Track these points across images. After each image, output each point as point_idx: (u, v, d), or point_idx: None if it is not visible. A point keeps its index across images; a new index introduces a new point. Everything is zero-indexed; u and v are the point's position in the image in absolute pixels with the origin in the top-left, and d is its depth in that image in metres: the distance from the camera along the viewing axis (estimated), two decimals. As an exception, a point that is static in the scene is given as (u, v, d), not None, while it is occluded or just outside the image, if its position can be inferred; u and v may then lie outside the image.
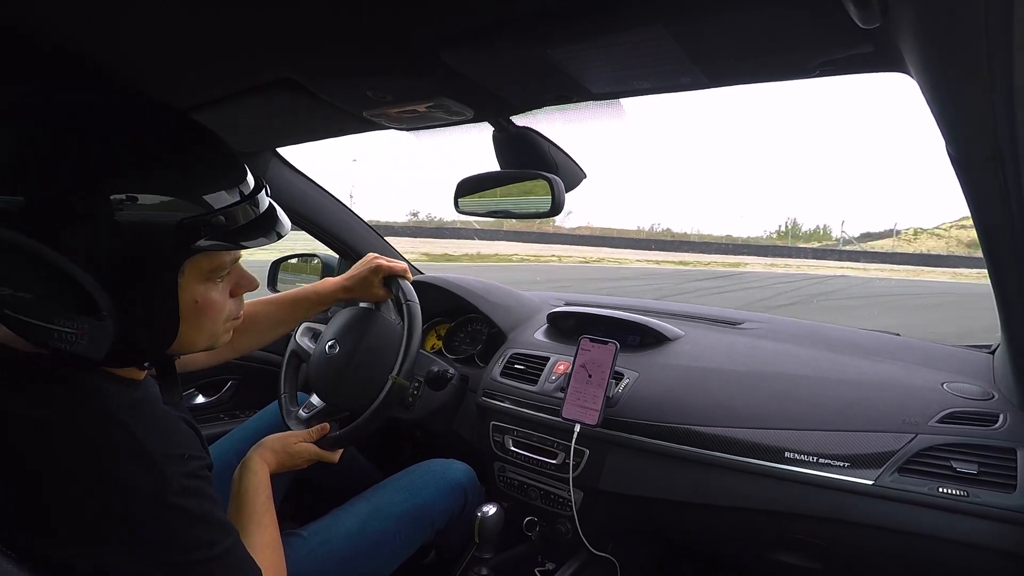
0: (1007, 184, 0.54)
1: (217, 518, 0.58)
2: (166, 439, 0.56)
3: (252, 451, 0.84)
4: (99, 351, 0.53)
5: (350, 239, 1.53)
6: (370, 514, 0.92)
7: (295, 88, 0.75)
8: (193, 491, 0.55)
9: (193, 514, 0.55)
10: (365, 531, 0.89)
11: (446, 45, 0.61)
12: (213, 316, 0.60)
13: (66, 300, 0.50)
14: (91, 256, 0.49)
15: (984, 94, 0.46)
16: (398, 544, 0.92)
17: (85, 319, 0.51)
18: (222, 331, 0.64)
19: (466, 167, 1.02)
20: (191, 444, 0.59)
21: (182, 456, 0.56)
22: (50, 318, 0.50)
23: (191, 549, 0.54)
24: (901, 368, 1.02)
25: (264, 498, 0.77)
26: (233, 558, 0.59)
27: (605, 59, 0.63)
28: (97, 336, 0.52)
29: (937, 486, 0.80)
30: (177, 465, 0.55)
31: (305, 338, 1.11)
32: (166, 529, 0.53)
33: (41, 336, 0.51)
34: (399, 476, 1.01)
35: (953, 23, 0.42)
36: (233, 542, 0.59)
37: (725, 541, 1.09)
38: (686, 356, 1.13)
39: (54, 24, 0.56)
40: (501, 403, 1.19)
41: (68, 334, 0.51)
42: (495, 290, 1.48)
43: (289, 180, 1.35)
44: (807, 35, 0.54)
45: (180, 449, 0.56)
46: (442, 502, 1.00)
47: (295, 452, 0.87)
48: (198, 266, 0.56)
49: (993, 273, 0.74)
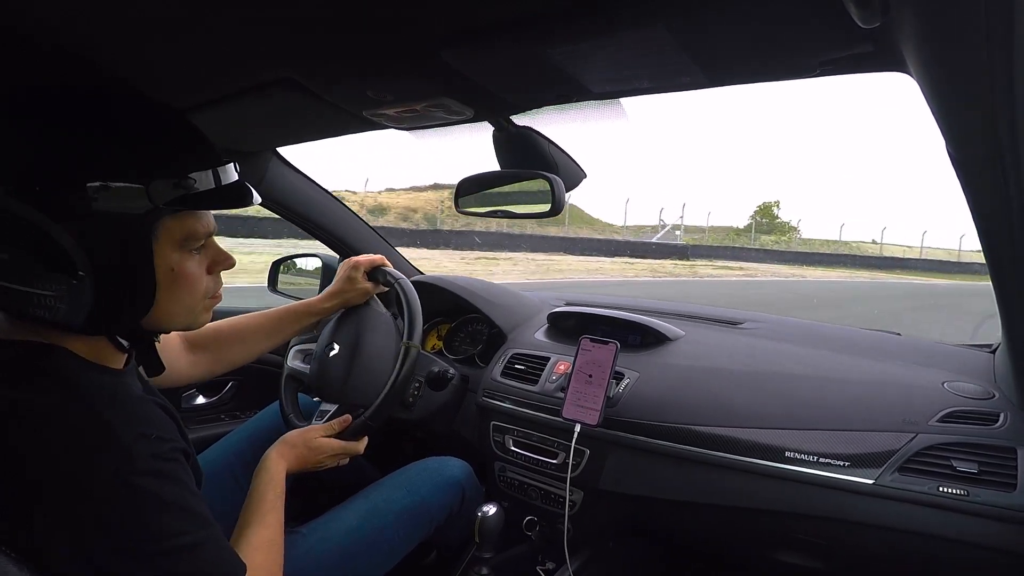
0: (1007, 184, 0.54)
1: (191, 507, 0.57)
2: (134, 419, 0.55)
3: (271, 448, 0.84)
4: (78, 315, 0.54)
5: (351, 239, 1.53)
6: (368, 512, 0.92)
7: (295, 88, 0.75)
8: (163, 474, 0.54)
9: (162, 499, 0.54)
10: (364, 528, 0.89)
11: (446, 44, 0.61)
12: (189, 288, 0.62)
13: (45, 261, 0.52)
14: (66, 216, 0.51)
15: (984, 94, 0.46)
16: (397, 541, 0.92)
17: (63, 281, 0.52)
18: (200, 308, 0.65)
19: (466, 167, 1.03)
20: (163, 427, 0.58)
21: (150, 436, 0.55)
22: (29, 281, 0.52)
23: (160, 537, 0.53)
24: (901, 367, 1.02)
25: (273, 496, 0.76)
26: (206, 551, 0.57)
27: (605, 59, 0.63)
28: (75, 299, 0.53)
29: (937, 485, 0.80)
30: (144, 445, 0.54)
31: (297, 361, 1.10)
32: (133, 513, 0.52)
33: (20, 302, 0.53)
34: (396, 474, 1.02)
35: (953, 23, 0.42)
36: (209, 535, 0.58)
37: (726, 541, 1.09)
38: (687, 356, 1.13)
39: (54, 24, 0.56)
40: (501, 403, 1.19)
41: (47, 298, 0.52)
42: (495, 290, 1.48)
43: (289, 180, 1.35)
44: (807, 35, 0.54)
45: (149, 429, 0.56)
46: (440, 498, 1.00)
47: (317, 447, 0.86)
48: (170, 232, 0.58)
49: (993, 273, 0.74)
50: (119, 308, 0.57)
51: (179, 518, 0.55)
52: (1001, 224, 0.61)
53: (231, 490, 0.98)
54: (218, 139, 1.07)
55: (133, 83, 0.73)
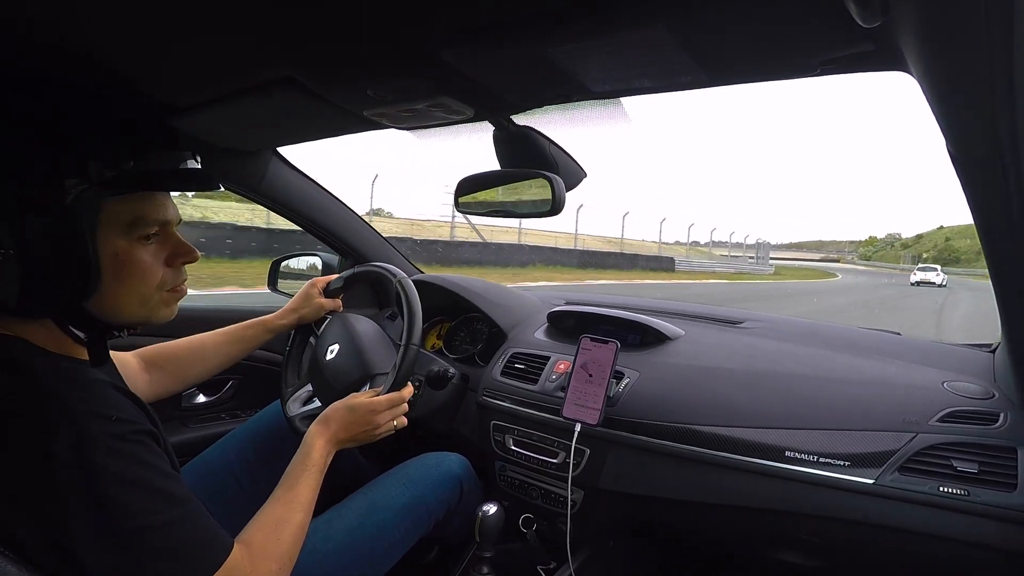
0: (1008, 183, 0.54)
1: (160, 487, 0.56)
2: (92, 399, 0.55)
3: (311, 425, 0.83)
4: (7, 294, 0.54)
5: (350, 238, 1.53)
6: (368, 509, 0.92)
7: (295, 87, 0.75)
8: (124, 454, 0.54)
9: (125, 478, 0.53)
10: (365, 526, 0.89)
11: (447, 44, 0.61)
12: (140, 276, 0.61)
13: None
14: None
15: (984, 93, 0.46)
16: (397, 538, 0.92)
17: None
18: (156, 300, 0.64)
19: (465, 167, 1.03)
20: (124, 409, 0.58)
21: (109, 417, 0.55)
22: None
23: (127, 516, 0.52)
24: (901, 367, 1.02)
25: (298, 472, 0.75)
26: (181, 529, 0.56)
27: (606, 58, 0.63)
28: (2, 276, 0.53)
29: (937, 485, 0.80)
30: (103, 424, 0.54)
31: (296, 404, 1.08)
32: (97, 492, 0.51)
33: None
34: (395, 470, 1.02)
35: (954, 22, 0.42)
36: (184, 514, 0.57)
37: (726, 540, 1.09)
38: (687, 355, 1.13)
39: (54, 22, 0.56)
40: (501, 402, 1.19)
41: None
42: (495, 289, 1.48)
43: (290, 179, 1.35)
44: (807, 34, 0.54)
45: (108, 411, 0.55)
46: (439, 493, 1.01)
47: (361, 406, 0.84)
48: (115, 215, 0.58)
49: (993, 272, 0.73)
50: (55, 289, 0.56)
51: (146, 497, 0.54)
52: (1001, 224, 0.61)
53: (232, 490, 0.98)
54: (218, 138, 1.09)
55: (134, 81, 0.74)
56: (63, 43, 0.60)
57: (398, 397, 0.89)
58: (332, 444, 0.81)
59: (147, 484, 0.55)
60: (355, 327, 1.08)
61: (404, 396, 0.91)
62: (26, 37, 0.58)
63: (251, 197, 1.33)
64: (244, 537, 0.65)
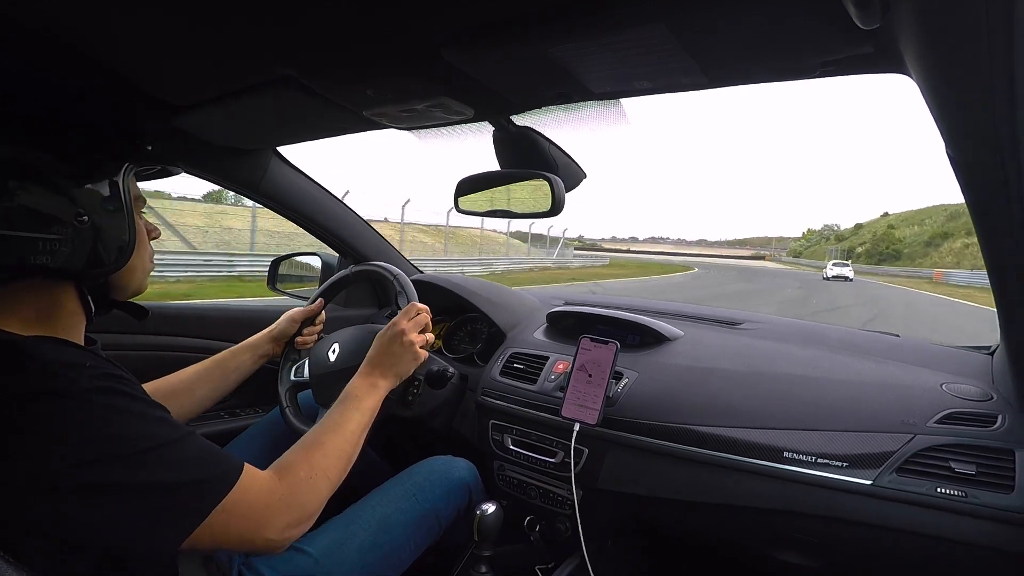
0: (1007, 184, 0.54)
1: (155, 415, 0.57)
2: (63, 355, 0.56)
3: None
4: (78, 260, 0.58)
5: (350, 237, 1.53)
6: (381, 525, 0.89)
7: (296, 86, 0.75)
8: (109, 390, 0.54)
9: (118, 408, 0.54)
10: (379, 544, 0.87)
11: (447, 43, 0.61)
12: (144, 247, 0.68)
13: (52, 206, 0.56)
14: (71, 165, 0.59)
15: (984, 94, 0.46)
16: (408, 552, 0.91)
17: (68, 225, 0.57)
18: (147, 270, 0.71)
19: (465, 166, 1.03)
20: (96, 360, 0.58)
21: (83, 365, 0.55)
22: (37, 227, 0.55)
23: (132, 439, 0.53)
24: (900, 369, 1.02)
25: (336, 407, 0.78)
26: (190, 445, 0.57)
27: (606, 58, 0.63)
28: (78, 242, 0.58)
29: (935, 486, 0.80)
30: (81, 371, 0.54)
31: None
32: (96, 425, 0.52)
33: (25, 249, 0.55)
34: (404, 478, 0.99)
35: (953, 23, 0.42)
36: (186, 434, 0.58)
37: (724, 540, 1.09)
38: (686, 356, 1.13)
39: (55, 22, 0.56)
40: (500, 402, 1.19)
41: (52, 241, 0.56)
42: (495, 289, 1.48)
43: (289, 179, 1.35)
44: (807, 36, 0.54)
45: (81, 360, 0.56)
46: (449, 502, 1.00)
47: (380, 334, 0.87)
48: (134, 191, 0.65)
49: (993, 274, 0.73)
50: (107, 256, 0.61)
51: (144, 423, 0.55)
52: (1001, 225, 0.61)
53: None
54: (219, 137, 1.09)
55: (135, 81, 0.74)
56: (65, 42, 0.60)
57: (412, 308, 0.91)
58: (375, 376, 0.83)
59: (141, 413, 0.56)
60: (352, 328, 1.09)
61: (418, 307, 0.92)
62: (30, 38, 0.58)
63: (251, 196, 1.33)
64: (276, 461, 0.67)
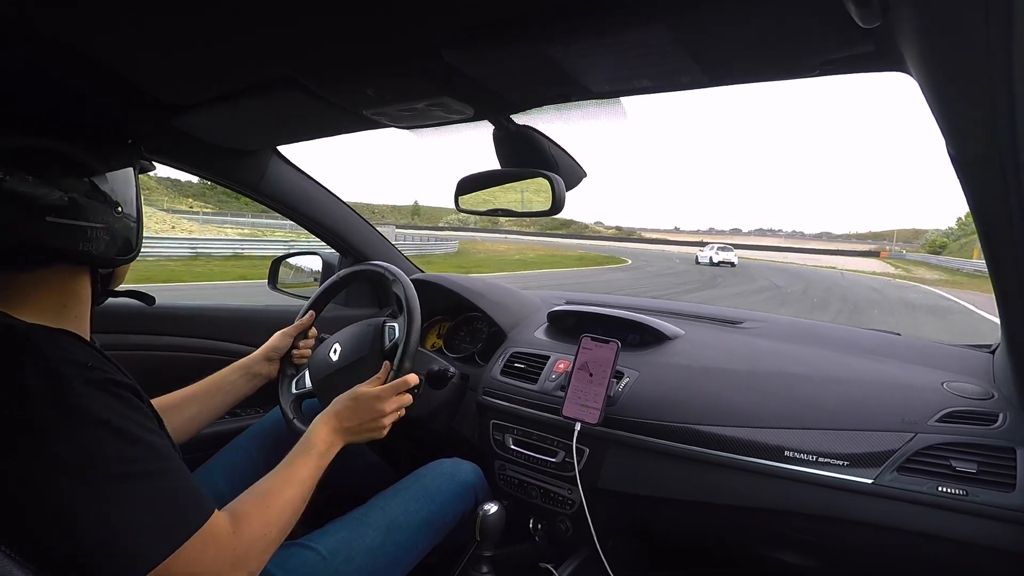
0: (1007, 184, 0.54)
1: (142, 438, 0.55)
2: (68, 351, 0.55)
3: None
4: (114, 247, 0.63)
5: (350, 236, 1.53)
6: (389, 527, 0.89)
7: (296, 86, 0.75)
8: (100, 400, 0.53)
9: (105, 423, 0.52)
10: (387, 545, 0.87)
11: (447, 43, 0.61)
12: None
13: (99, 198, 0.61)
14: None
15: (984, 94, 0.46)
16: (416, 554, 0.92)
17: (110, 214, 0.62)
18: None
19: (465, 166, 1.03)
20: (103, 363, 0.57)
21: (84, 364, 0.54)
22: (87, 216, 0.59)
23: (108, 462, 0.51)
24: (901, 367, 1.02)
25: (295, 452, 0.76)
26: (167, 480, 0.55)
27: (606, 57, 0.63)
28: (116, 230, 0.63)
29: (936, 485, 0.80)
30: (78, 370, 0.53)
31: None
32: (76, 438, 0.51)
33: (75, 237, 0.59)
34: (412, 481, 1.00)
35: (953, 23, 0.42)
36: (165, 468, 0.55)
37: (724, 539, 1.09)
38: (686, 355, 1.13)
39: (55, 21, 0.56)
40: (501, 402, 1.19)
41: (97, 230, 0.60)
42: (496, 289, 1.48)
43: (290, 178, 1.35)
44: (808, 34, 0.54)
45: (84, 359, 0.55)
46: (456, 505, 1.00)
47: (363, 396, 0.84)
48: None
49: (993, 272, 0.73)
50: (132, 243, 0.66)
51: (128, 446, 0.53)
52: (1001, 224, 0.61)
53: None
54: (219, 137, 1.09)
55: (135, 81, 0.74)
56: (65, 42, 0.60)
57: (402, 383, 0.89)
58: (338, 434, 0.81)
59: (129, 433, 0.54)
60: (350, 326, 1.09)
61: (409, 382, 0.90)
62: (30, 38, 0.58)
63: (251, 196, 1.33)
64: (230, 506, 0.64)
